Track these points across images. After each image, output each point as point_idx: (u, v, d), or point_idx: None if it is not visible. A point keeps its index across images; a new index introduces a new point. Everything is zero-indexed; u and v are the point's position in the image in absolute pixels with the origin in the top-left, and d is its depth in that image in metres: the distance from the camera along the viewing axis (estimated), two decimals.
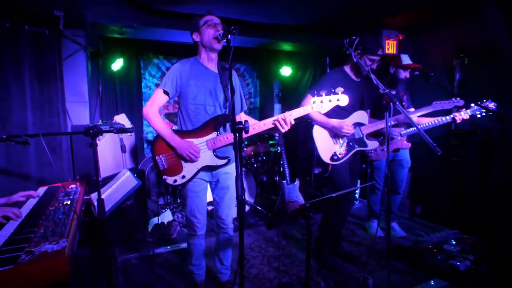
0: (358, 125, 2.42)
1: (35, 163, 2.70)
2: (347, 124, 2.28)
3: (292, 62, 4.95)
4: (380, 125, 2.42)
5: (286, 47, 4.32)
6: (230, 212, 2.07)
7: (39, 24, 2.65)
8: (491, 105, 2.43)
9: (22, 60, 2.64)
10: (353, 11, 3.09)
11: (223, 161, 1.93)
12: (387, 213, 1.92)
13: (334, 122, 2.32)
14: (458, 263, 2.21)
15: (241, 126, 1.43)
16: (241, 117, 2.12)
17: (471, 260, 2.25)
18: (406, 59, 2.77)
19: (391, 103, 1.86)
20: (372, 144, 2.45)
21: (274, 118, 1.82)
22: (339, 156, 2.37)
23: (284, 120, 1.78)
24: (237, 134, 1.43)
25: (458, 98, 2.51)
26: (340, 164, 2.38)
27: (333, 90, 1.84)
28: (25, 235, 1.24)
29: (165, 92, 1.89)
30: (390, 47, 3.40)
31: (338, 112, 2.08)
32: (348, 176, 2.45)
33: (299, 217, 3.20)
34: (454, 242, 2.50)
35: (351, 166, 2.47)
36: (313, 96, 2.23)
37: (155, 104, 1.90)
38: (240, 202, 1.39)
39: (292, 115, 1.81)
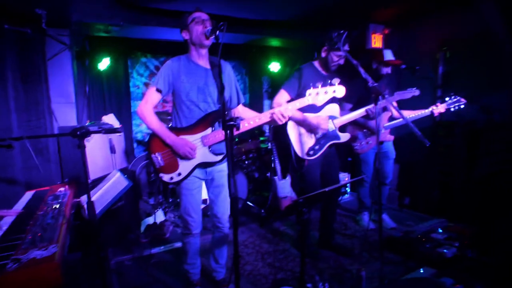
0: (330, 118, 2.46)
1: (21, 167, 2.64)
2: (324, 119, 2.32)
3: (281, 58, 4.95)
4: (351, 117, 2.50)
5: (275, 43, 4.31)
6: (225, 210, 2.07)
7: (20, 23, 2.56)
8: (462, 100, 2.62)
9: (5, 61, 2.56)
10: (341, 6, 3.10)
11: (219, 157, 1.92)
12: (378, 206, 1.95)
13: (311, 118, 2.34)
14: (445, 251, 2.28)
15: (232, 123, 1.42)
16: (240, 110, 2.10)
17: (457, 247, 2.33)
18: (388, 55, 2.82)
19: (379, 96, 1.89)
20: (344, 136, 2.49)
21: (271, 111, 1.82)
22: (315, 150, 2.40)
23: (281, 113, 1.79)
24: (228, 131, 1.43)
25: (414, 88, 2.66)
26: (314, 159, 2.42)
27: (329, 81, 1.84)
28: (11, 242, 1.20)
29: (158, 90, 1.87)
30: (377, 41, 3.43)
31: (311, 105, 2.10)
32: (318, 170, 2.49)
33: (293, 212, 3.23)
34: (441, 231, 2.58)
35: (324, 159, 2.50)
36: (287, 91, 2.36)
37: (148, 103, 1.88)
38: (233, 200, 1.39)
39: (288, 109, 1.82)
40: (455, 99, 2.63)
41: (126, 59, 4.29)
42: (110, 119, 3.14)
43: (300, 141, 2.43)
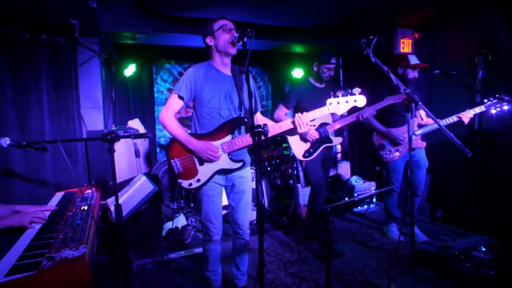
0: (323, 124, 2.73)
1: (52, 169, 2.73)
2: (314, 131, 2.64)
3: (304, 64, 4.90)
4: (342, 122, 2.67)
5: (298, 49, 4.28)
6: (246, 217, 2.04)
7: (56, 33, 2.70)
8: (505, 99, 2.46)
9: (40, 68, 2.69)
10: (366, 12, 3.04)
11: (238, 164, 1.90)
12: (410, 218, 1.84)
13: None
14: (492, 272, 2.06)
15: (260, 129, 1.40)
16: (258, 118, 2.09)
17: None
18: (413, 59, 2.74)
19: (412, 103, 1.80)
20: (337, 140, 2.77)
21: (291, 119, 1.80)
22: (310, 153, 2.72)
23: (302, 120, 1.76)
24: (256, 138, 1.40)
25: (408, 91, 2.57)
26: (311, 160, 2.75)
27: (350, 90, 1.79)
28: (45, 241, 1.23)
29: (180, 97, 1.88)
30: (406, 46, 3.31)
31: None
32: (320, 170, 2.83)
33: (318, 221, 3.14)
34: (484, 249, 2.35)
35: (323, 160, 2.86)
36: (285, 106, 2.76)
37: (170, 110, 1.90)
38: (260, 208, 1.35)
39: (308, 117, 1.80)
40: (495, 100, 2.48)
41: (151, 66, 4.41)
42: (135, 124, 3.22)
43: (298, 145, 2.74)
